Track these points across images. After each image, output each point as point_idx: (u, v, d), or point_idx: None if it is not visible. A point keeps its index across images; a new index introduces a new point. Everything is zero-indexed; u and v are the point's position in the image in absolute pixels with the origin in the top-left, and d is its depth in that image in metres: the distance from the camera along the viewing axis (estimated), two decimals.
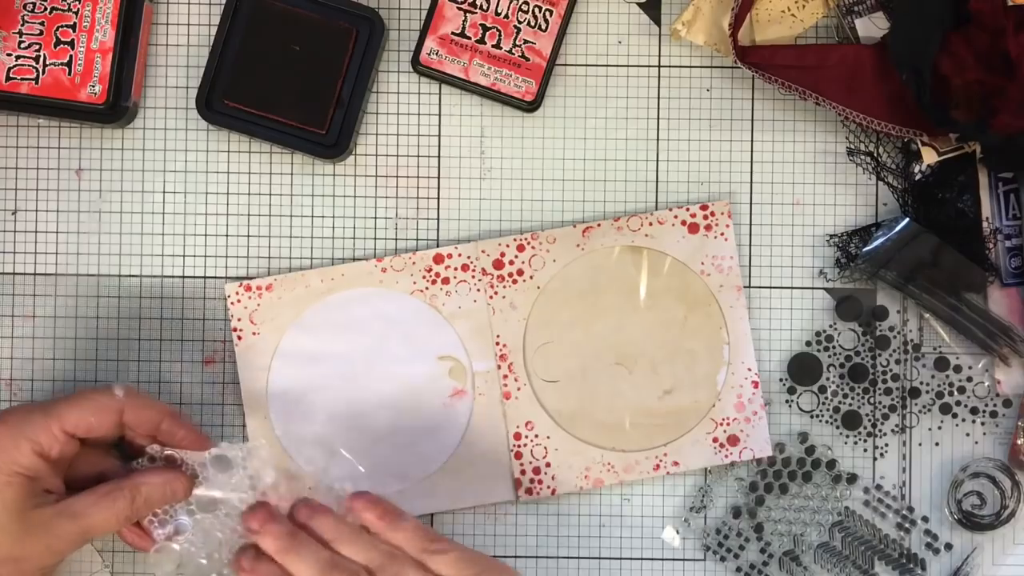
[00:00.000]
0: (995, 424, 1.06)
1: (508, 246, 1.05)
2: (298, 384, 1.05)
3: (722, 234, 1.05)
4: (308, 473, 1.02)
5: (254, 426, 1.05)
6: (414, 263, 1.05)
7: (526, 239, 1.05)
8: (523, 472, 1.05)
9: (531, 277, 1.05)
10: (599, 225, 1.05)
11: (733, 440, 1.05)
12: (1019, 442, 1.05)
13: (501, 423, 1.06)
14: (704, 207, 1.05)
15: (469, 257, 1.05)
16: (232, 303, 1.05)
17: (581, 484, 1.05)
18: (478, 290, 1.05)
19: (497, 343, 1.05)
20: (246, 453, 0.97)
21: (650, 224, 1.05)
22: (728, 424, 1.06)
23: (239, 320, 1.05)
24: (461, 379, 1.05)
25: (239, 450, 0.97)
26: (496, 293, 1.05)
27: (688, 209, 1.05)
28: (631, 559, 1.06)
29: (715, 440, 1.05)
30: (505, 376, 1.05)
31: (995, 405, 1.06)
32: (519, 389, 1.05)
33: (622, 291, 1.05)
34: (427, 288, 1.05)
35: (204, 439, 0.98)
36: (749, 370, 1.06)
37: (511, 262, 1.05)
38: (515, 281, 1.05)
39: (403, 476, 1.05)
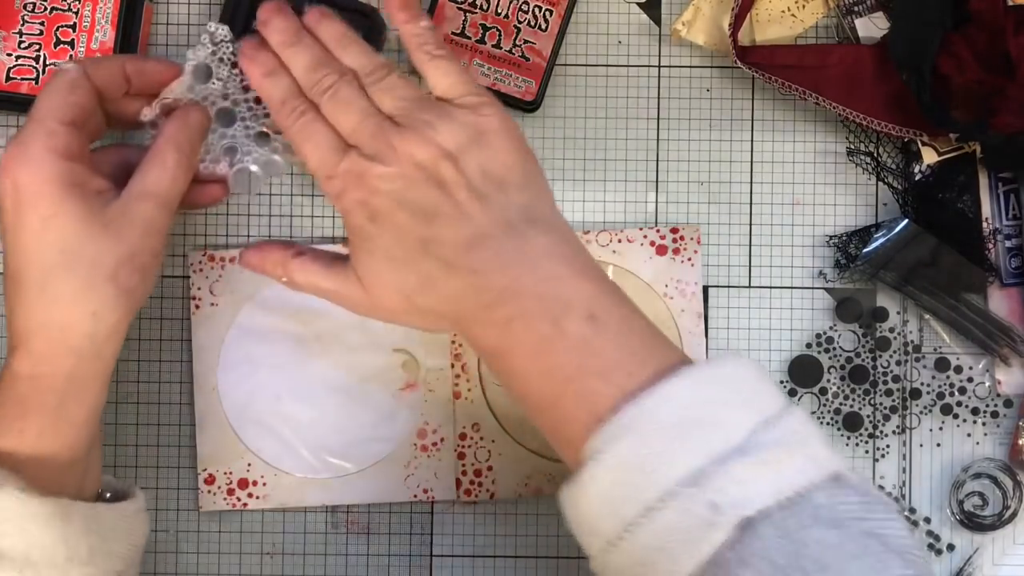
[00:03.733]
0: (996, 424, 1.06)
1: None
2: (250, 360, 1.05)
3: (689, 259, 1.05)
4: None
5: (201, 400, 1.05)
6: None
7: None
8: (464, 473, 1.06)
9: None
10: None
11: None
12: (1020, 442, 1.05)
13: (449, 422, 1.06)
14: (675, 230, 1.05)
15: None
16: (194, 271, 1.05)
17: (521, 491, 1.05)
18: None
19: (453, 341, 1.05)
20: (215, 46, 0.96)
21: (619, 241, 1.05)
22: None
23: (199, 289, 1.05)
24: (414, 373, 1.05)
25: (204, 49, 0.96)
26: None
27: (658, 231, 1.05)
28: None
29: None
30: (457, 376, 1.05)
31: (996, 405, 1.06)
32: (470, 390, 1.05)
33: None
34: None
35: (171, 64, 0.96)
36: None
37: None
38: None
39: (344, 464, 1.05)
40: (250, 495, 1.05)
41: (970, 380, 1.06)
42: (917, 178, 1.05)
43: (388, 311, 0.89)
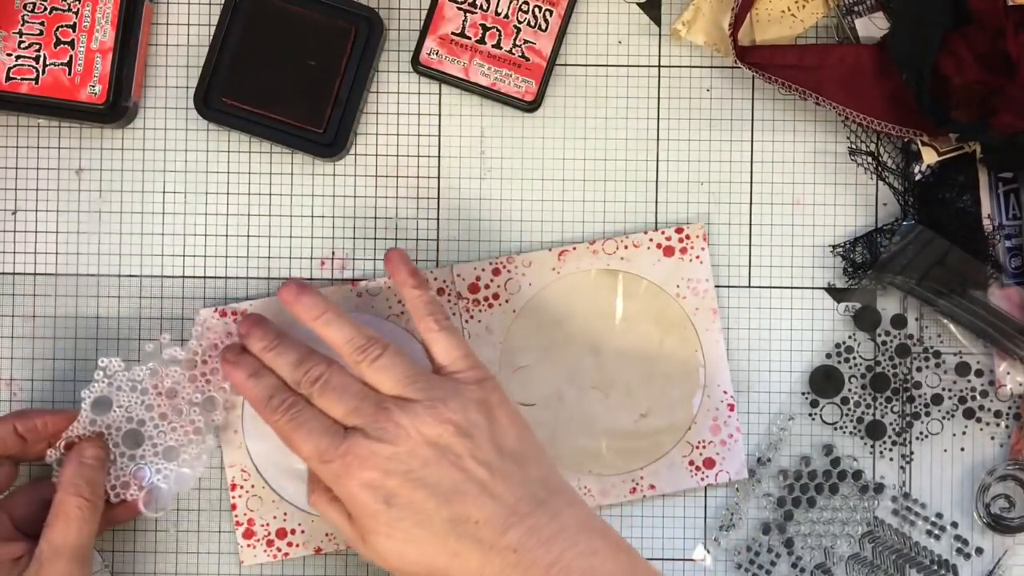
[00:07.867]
0: (1021, 427, 1.05)
1: (483, 270, 1.05)
2: None
3: (697, 257, 1.05)
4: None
5: (230, 454, 1.04)
6: (389, 287, 1.04)
7: (501, 262, 1.05)
8: None
9: (507, 301, 1.05)
10: (575, 248, 1.05)
11: (709, 463, 1.05)
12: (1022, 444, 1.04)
13: None
14: (679, 230, 1.05)
15: (444, 281, 1.05)
16: (207, 328, 1.04)
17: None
18: (453, 314, 1.04)
19: None
20: (109, 378, 0.99)
21: (625, 247, 1.05)
22: (704, 447, 1.05)
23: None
24: None
25: (99, 384, 0.99)
26: (472, 317, 1.05)
27: (663, 232, 1.05)
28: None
29: (691, 463, 1.05)
30: None
31: (1019, 407, 1.05)
32: None
33: (598, 315, 1.05)
34: (403, 312, 1.04)
35: (64, 412, 0.99)
36: (725, 393, 1.05)
37: (487, 286, 1.05)
38: (491, 305, 1.05)
39: None
40: (289, 543, 1.04)
41: (992, 383, 1.05)
42: (917, 178, 1.04)
43: None
